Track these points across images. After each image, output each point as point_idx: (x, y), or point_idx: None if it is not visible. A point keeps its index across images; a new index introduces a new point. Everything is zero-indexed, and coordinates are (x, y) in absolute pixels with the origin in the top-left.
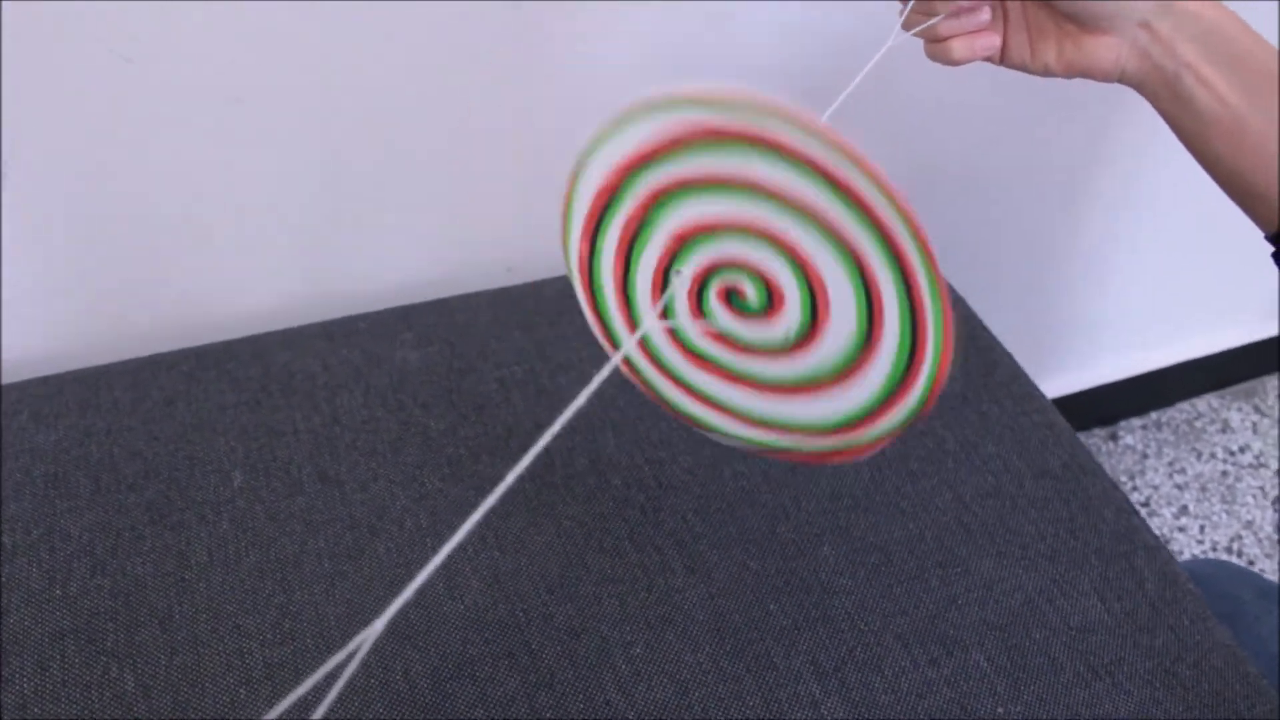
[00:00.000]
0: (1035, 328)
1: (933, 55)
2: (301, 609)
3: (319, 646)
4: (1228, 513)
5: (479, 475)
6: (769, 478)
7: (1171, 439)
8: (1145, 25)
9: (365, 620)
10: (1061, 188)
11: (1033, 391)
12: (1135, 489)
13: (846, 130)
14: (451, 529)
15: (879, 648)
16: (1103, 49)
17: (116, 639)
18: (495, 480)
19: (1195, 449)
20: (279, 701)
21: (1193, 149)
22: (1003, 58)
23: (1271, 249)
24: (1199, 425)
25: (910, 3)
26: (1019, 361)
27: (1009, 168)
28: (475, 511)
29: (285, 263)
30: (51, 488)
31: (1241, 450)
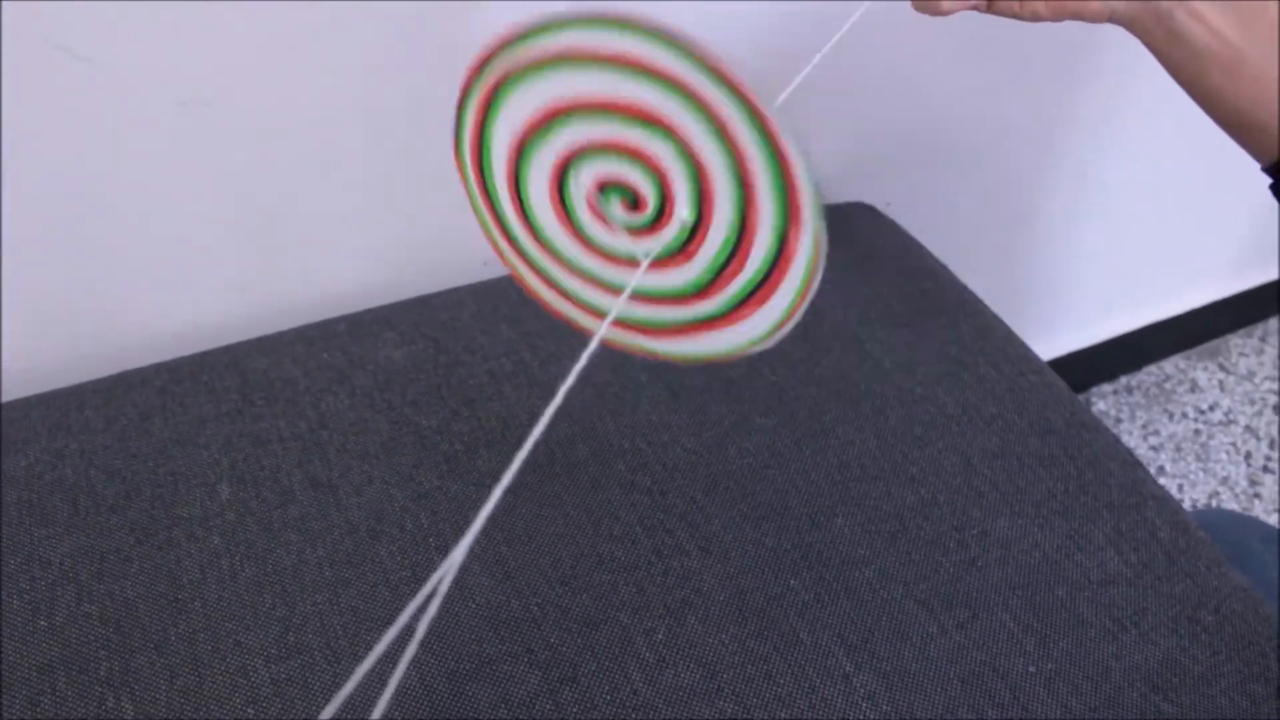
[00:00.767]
0: (1004, 297)
1: (921, 7)
2: (305, 620)
3: (327, 658)
4: (1204, 470)
5: (478, 470)
6: (775, 453)
7: (1143, 402)
8: None
9: (375, 626)
10: (1029, 158)
11: (1027, 353)
12: None
13: (814, 102)
14: (455, 526)
15: (904, 616)
16: None
17: (111, 666)
18: (495, 474)
19: (1167, 410)
20: (330, 701)
21: (1188, 86)
22: (990, 5)
23: (1269, 180)
24: (1168, 387)
25: None
26: None
27: (975, 137)
28: (494, 491)
29: (252, 270)
30: (26, 515)
31: (1211, 409)
